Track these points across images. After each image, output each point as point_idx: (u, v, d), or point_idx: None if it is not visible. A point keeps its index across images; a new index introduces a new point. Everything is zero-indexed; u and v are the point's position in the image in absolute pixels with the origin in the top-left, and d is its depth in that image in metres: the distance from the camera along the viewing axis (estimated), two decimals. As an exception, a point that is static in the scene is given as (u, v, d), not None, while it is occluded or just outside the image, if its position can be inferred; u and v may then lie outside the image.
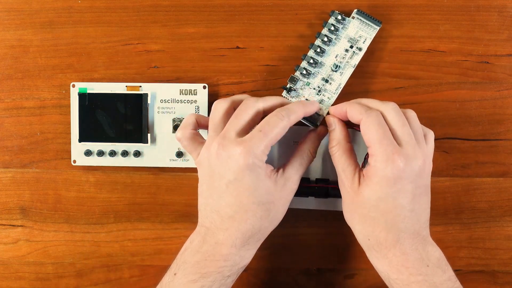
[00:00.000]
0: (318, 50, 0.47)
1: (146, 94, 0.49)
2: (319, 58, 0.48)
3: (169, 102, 0.49)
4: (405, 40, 0.49)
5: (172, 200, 0.51)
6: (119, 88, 0.49)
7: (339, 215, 0.50)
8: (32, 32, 0.50)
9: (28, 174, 0.51)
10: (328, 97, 0.48)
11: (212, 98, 0.50)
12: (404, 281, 0.41)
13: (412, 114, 0.43)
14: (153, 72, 0.50)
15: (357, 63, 0.48)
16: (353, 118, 0.43)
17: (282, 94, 0.48)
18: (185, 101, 0.49)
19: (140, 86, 0.49)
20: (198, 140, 0.45)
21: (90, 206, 0.51)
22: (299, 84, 0.48)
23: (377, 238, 0.42)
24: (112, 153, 0.50)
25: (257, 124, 0.42)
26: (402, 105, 0.50)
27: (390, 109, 0.42)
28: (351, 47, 0.48)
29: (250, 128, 0.42)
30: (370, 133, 0.41)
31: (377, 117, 0.41)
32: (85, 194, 0.51)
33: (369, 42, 0.48)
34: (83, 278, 0.52)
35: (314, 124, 0.47)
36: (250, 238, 0.42)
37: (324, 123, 0.46)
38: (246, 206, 0.42)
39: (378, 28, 0.48)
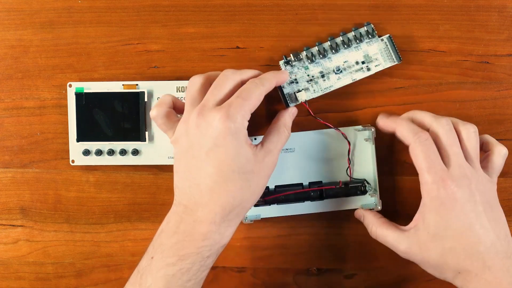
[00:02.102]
0: (334, 45, 0.48)
1: (143, 92, 0.49)
2: (329, 53, 0.48)
3: (167, 100, 0.50)
4: (405, 40, 0.49)
5: (172, 200, 0.51)
6: (116, 87, 0.49)
7: (339, 215, 0.50)
8: (32, 32, 0.50)
9: (28, 174, 0.51)
10: (314, 90, 0.48)
11: (212, 98, 0.50)
12: None
13: (467, 131, 0.44)
14: (153, 72, 0.50)
15: (357, 79, 0.48)
16: (402, 139, 0.44)
17: (280, 62, 0.48)
18: (182, 99, 0.49)
19: (137, 85, 0.49)
20: (173, 119, 0.44)
21: (90, 206, 0.51)
22: (298, 63, 0.48)
23: (465, 267, 0.41)
24: (110, 152, 0.50)
25: None
26: (402, 105, 0.50)
27: (440, 126, 0.43)
28: (363, 62, 0.48)
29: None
30: (418, 161, 0.42)
31: (425, 144, 0.42)
32: (85, 194, 0.51)
33: (380, 69, 0.48)
34: (83, 278, 0.52)
35: (286, 104, 0.48)
36: (230, 213, 0.41)
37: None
38: (226, 175, 0.40)
39: (396, 63, 0.48)
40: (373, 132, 0.48)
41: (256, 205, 0.49)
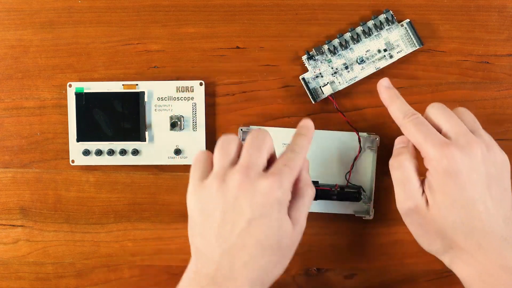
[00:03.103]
0: (355, 36, 0.48)
1: (143, 92, 0.49)
2: (351, 44, 0.48)
3: (166, 99, 0.49)
4: (405, 40, 0.49)
5: (172, 200, 0.51)
6: (115, 87, 0.49)
7: (339, 215, 0.50)
8: (32, 32, 0.50)
9: (28, 174, 0.51)
10: (339, 82, 0.48)
11: (211, 97, 0.50)
12: None
13: (461, 109, 0.42)
14: (153, 72, 0.50)
15: (381, 67, 0.48)
16: (393, 117, 0.42)
17: (303, 58, 0.48)
18: (182, 99, 0.49)
19: (137, 85, 0.49)
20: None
21: (90, 206, 0.51)
22: (321, 57, 0.48)
23: (458, 242, 0.39)
24: (110, 152, 0.50)
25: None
26: (402, 105, 0.50)
27: (430, 107, 0.41)
28: (385, 50, 0.48)
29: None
30: (412, 135, 0.40)
31: (417, 119, 0.40)
32: (85, 194, 0.51)
33: (403, 55, 0.48)
34: (83, 278, 0.52)
35: (314, 99, 0.48)
36: None
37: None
38: (264, 250, 0.37)
39: (418, 47, 0.48)
40: (377, 140, 0.48)
41: None
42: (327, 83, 0.48)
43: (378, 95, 0.50)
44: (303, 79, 0.49)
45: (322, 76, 0.49)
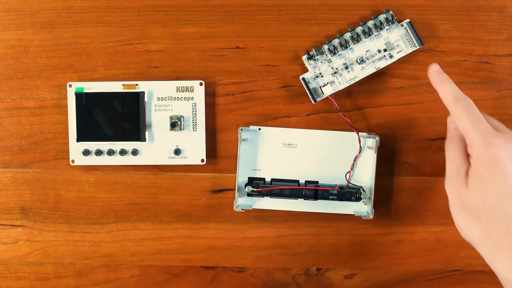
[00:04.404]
0: (355, 36, 0.48)
1: (143, 92, 0.49)
2: (351, 44, 0.48)
3: (166, 99, 0.49)
4: (405, 40, 0.49)
5: (172, 200, 0.51)
6: (116, 87, 0.49)
7: (339, 215, 0.50)
8: (32, 32, 0.50)
9: (28, 174, 0.51)
10: (339, 82, 0.48)
11: (211, 97, 0.50)
12: None
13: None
14: (153, 72, 0.50)
15: (381, 67, 0.48)
16: (444, 101, 0.42)
17: (303, 58, 0.48)
18: (182, 99, 0.49)
19: (137, 85, 0.49)
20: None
21: (90, 206, 0.51)
22: (321, 57, 0.48)
23: (498, 233, 0.38)
24: (110, 152, 0.50)
25: None
26: (402, 105, 0.50)
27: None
28: (385, 50, 0.48)
29: None
30: (462, 121, 0.40)
31: (467, 105, 0.40)
32: (85, 194, 0.51)
33: (403, 55, 0.48)
34: (83, 278, 0.52)
35: (313, 99, 0.48)
36: None
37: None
38: None
39: (418, 47, 0.48)
40: (377, 140, 0.48)
41: (249, 195, 0.49)
42: (327, 83, 0.48)
43: (378, 95, 0.50)
44: (303, 79, 0.49)
45: (322, 76, 0.49)
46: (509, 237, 0.38)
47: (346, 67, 0.48)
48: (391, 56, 0.48)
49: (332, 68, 0.48)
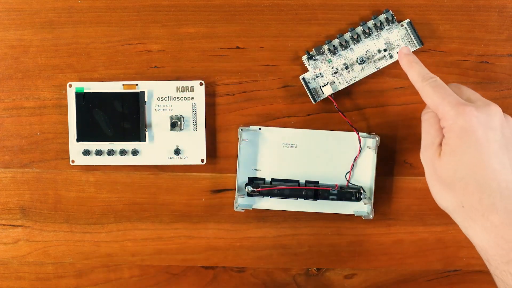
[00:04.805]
0: (355, 36, 0.48)
1: (143, 92, 0.49)
2: (351, 44, 0.48)
3: (166, 99, 0.49)
4: (405, 40, 0.49)
5: (172, 200, 0.51)
6: (116, 87, 0.49)
7: (339, 215, 0.50)
8: (32, 32, 0.50)
9: (28, 174, 0.51)
10: (339, 82, 0.48)
11: (211, 97, 0.50)
12: (504, 257, 0.36)
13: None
14: (153, 72, 0.50)
15: (381, 67, 0.48)
16: (412, 81, 0.43)
17: (303, 58, 0.48)
18: (182, 99, 0.49)
19: (137, 85, 0.49)
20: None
21: (90, 206, 0.51)
22: (321, 57, 0.48)
23: (471, 201, 0.37)
24: (110, 152, 0.50)
25: None
26: (403, 105, 0.50)
27: (449, 85, 0.42)
28: (385, 50, 0.48)
29: None
30: (430, 97, 0.41)
31: (433, 81, 0.41)
32: (85, 194, 0.51)
33: None
34: (83, 278, 0.52)
35: (314, 99, 0.48)
36: None
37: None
38: None
39: (418, 47, 0.48)
40: (377, 141, 0.48)
41: (249, 195, 0.49)
42: (327, 83, 0.48)
43: (378, 95, 0.50)
44: (303, 79, 0.49)
45: (322, 76, 0.49)
46: (481, 205, 0.37)
47: (346, 67, 0.48)
48: (391, 56, 0.48)
49: (332, 68, 0.48)
